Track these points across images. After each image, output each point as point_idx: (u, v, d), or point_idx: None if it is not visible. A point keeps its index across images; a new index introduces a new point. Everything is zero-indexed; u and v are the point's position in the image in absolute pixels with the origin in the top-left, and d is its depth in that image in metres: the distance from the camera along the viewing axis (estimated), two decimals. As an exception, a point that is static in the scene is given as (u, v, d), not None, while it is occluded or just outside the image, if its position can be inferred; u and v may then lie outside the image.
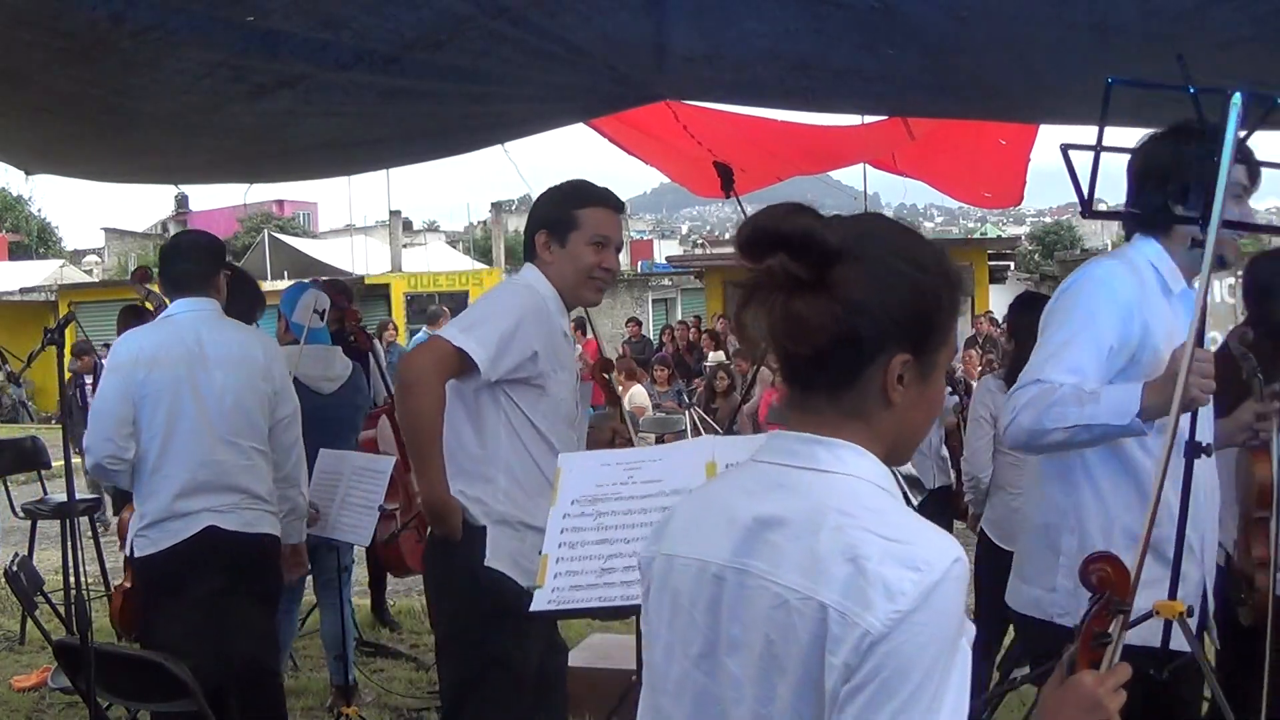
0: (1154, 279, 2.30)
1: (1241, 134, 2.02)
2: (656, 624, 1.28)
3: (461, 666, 2.84)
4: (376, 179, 25.71)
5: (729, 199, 4.86)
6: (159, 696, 2.89)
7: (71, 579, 4.40)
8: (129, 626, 3.71)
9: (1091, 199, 2.33)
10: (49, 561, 6.63)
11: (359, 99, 4.09)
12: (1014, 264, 26.14)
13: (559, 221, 2.84)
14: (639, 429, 8.58)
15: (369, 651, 5.42)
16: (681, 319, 21.20)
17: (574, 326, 3.09)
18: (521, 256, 3.06)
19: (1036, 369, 2.21)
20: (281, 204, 41.50)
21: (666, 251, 37.37)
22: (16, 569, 3.62)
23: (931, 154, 6.20)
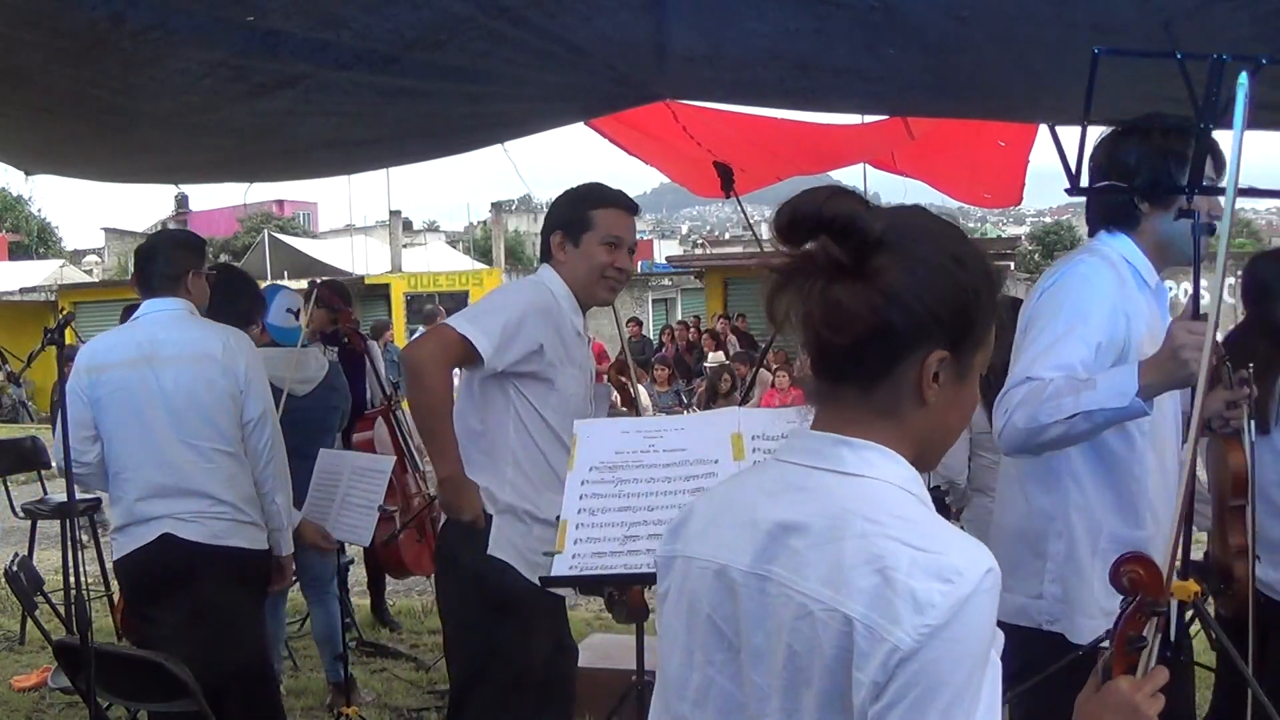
0: (1130, 274, 2.29)
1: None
2: (675, 627, 1.23)
3: (466, 660, 2.85)
4: (376, 179, 25.74)
5: (729, 199, 4.88)
6: (159, 696, 2.89)
7: (71, 579, 4.40)
8: (129, 628, 3.72)
9: (1079, 175, 2.30)
10: (49, 561, 6.62)
11: (359, 99, 4.09)
12: (1014, 264, 26.15)
13: (573, 222, 2.90)
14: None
15: (369, 651, 5.41)
16: (681, 319, 21.20)
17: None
18: (521, 256, 3.09)
19: (1026, 367, 2.16)
20: (281, 204, 41.52)
21: (666, 251, 37.37)
22: (16, 569, 3.62)
23: (931, 154, 6.20)
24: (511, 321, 2.73)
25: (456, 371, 2.87)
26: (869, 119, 5.41)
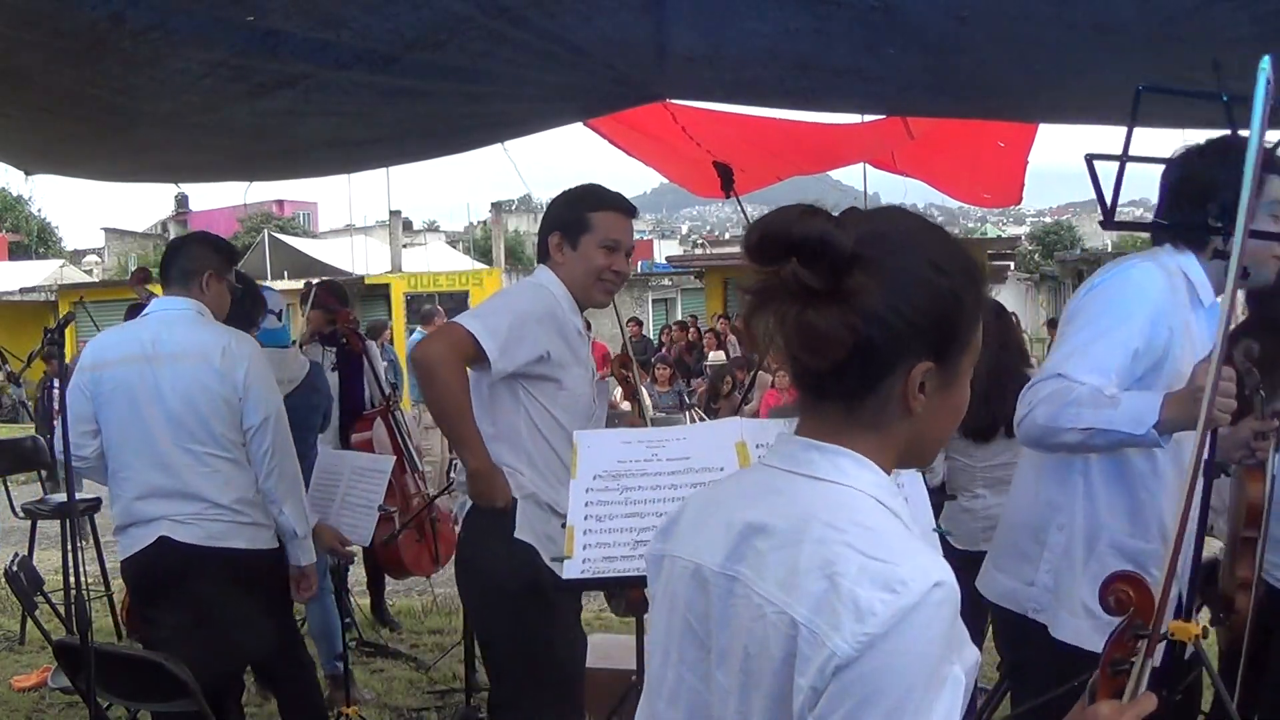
0: (1185, 288, 2.25)
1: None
2: (660, 626, 1.23)
3: (503, 644, 2.87)
4: (376, 179, 25.71)
5: (729, 199, 4.87)
6: (159, 696, 2.89)
7: (71, 579, 4.40)
8: (134, 626, 3.72)
9: (1114, 209, 2.28)
10: (49, 561, 6.63)
11: (359, 99, 4.09)
12: (1014, 264, 26.18)
13: (571, 224, 2.91)
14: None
15: (369, 651, 5.42)
16: (681, 319, 21.21)
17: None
18: (521, 257, 3.10)
19: (1059, 363, 2.16)
20: (281, 204, 41.55)
21: (666, 251, 37.40)
22: (16, 569, 3.62)
23: (931, 154, 6.20)
24: (516, 325, 2.75)
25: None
26: (869, 118, 5.40)
